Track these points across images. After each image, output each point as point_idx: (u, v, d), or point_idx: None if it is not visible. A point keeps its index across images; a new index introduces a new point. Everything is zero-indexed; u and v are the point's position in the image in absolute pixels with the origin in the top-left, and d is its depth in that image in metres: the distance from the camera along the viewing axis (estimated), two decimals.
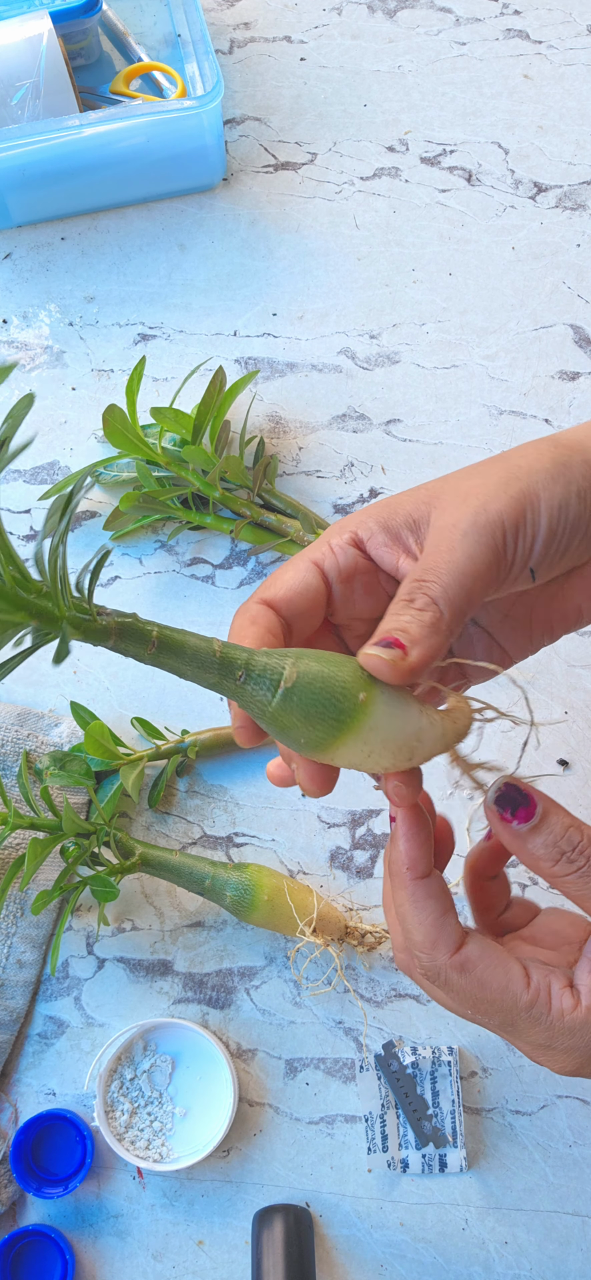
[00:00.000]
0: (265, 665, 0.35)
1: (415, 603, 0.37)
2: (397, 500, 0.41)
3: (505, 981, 0.38)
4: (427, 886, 0.39)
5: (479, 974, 0.38)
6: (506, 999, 0.38)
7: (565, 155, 0.75)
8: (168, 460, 0.63)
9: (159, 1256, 0.56)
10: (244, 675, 0.35)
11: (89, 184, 0.72)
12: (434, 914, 0.39)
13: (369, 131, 0.76)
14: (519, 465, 0.39)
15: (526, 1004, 0.38)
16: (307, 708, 0.35)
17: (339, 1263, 0.55)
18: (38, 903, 0.53)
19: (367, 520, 0.40)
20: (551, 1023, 0.38)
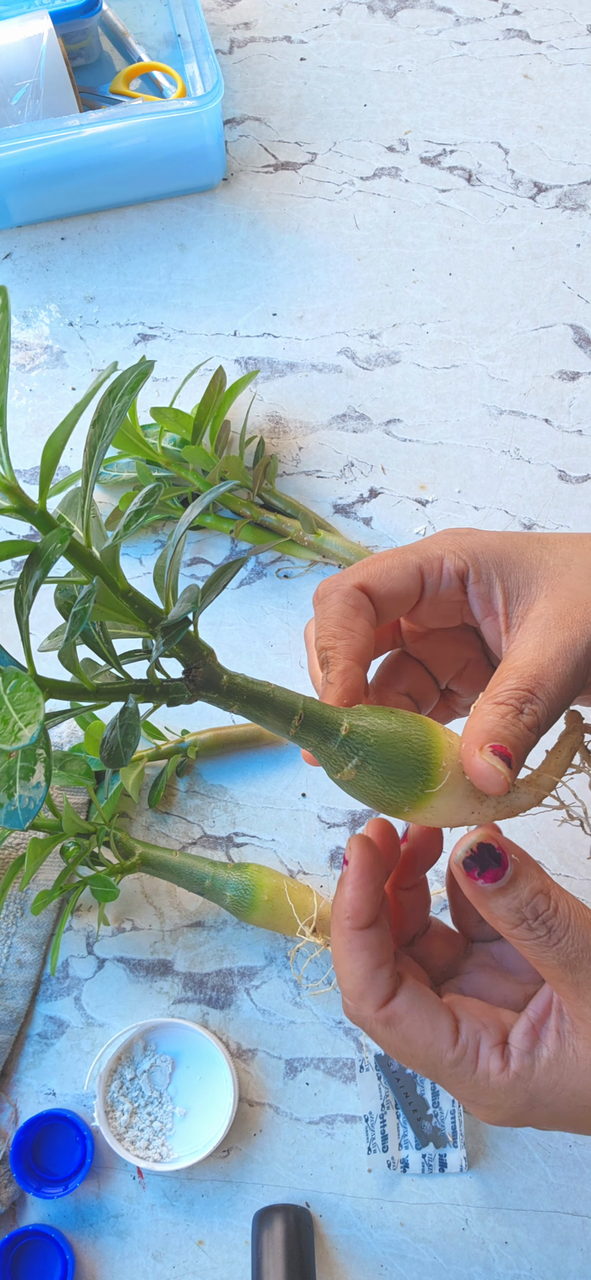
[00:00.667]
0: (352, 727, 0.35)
1: (524, 715, 0.37)
2: (514, 549, 0.40)
3: (431, 1038, 0.37)
4: (365, 938, 0.38)
5: (403, 1029, 0.37)
6: (431, 1055, 0.37)
7: (565, 155, 0.75)
8: (168, 460, 0.63)
9: (159, 1256, 0.56)
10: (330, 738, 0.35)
11: (89, 184, 0.72)
12: (366, 966, 0.37)
13: (369, 131, 0.76)
14: None
15: (451, 1061, 0.37)
16: (386, 774, 0.36)
17: (339, 1263, 0.55)
18: (38, 903, 0.53)
19: (483, 558, 0.40)
20: (475, 1082, 0.37)
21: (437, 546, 0.41)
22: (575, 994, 0.35)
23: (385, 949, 0.38)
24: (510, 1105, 0.37)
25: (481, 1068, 0.37)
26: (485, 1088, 0.36)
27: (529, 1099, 0.36)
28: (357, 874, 0.38)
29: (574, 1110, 0.36)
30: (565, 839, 0.60)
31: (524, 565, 0.40)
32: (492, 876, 0.36)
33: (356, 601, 0.39)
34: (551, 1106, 0.36)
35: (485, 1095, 0.37)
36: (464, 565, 0.40)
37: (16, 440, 0.68)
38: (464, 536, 0.41)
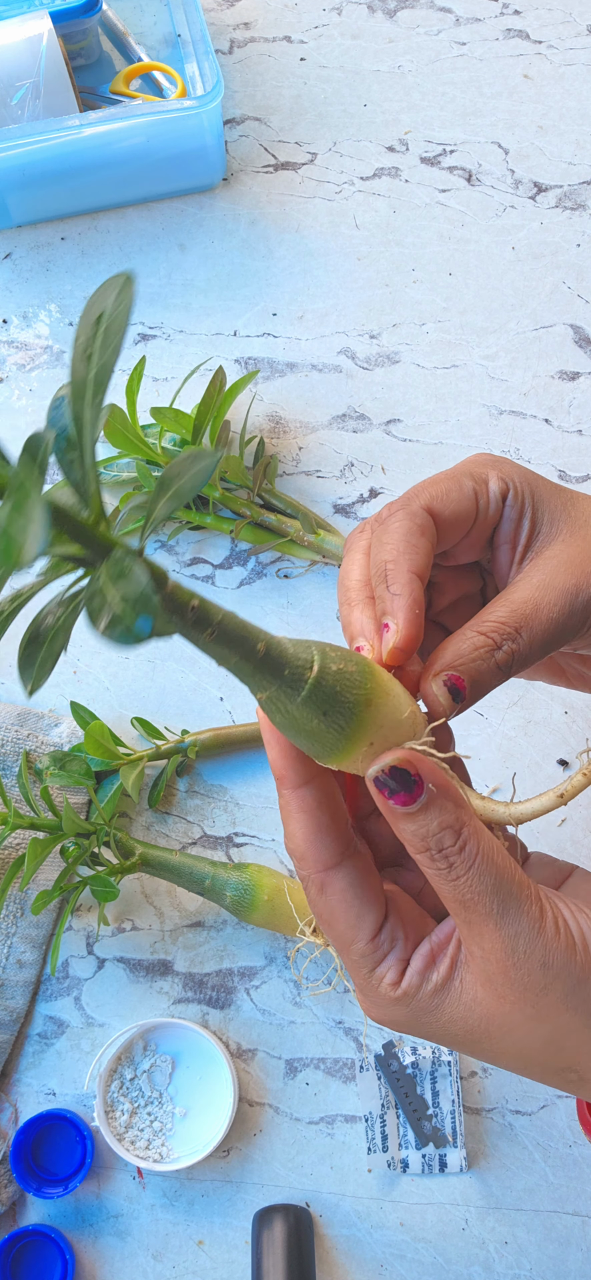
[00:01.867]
0: (296, 665, 0.34)
1: (499, 652, 0.37)
2: (545, 487, 0.41)
3: (353, 922, 0.36)
4: (300, 799, 0.36)
5: (331, 902, 0.36)
6: (345, 935, 0.37)
7: (565, 155, 0.75)
8: (168, 460, 0.63)
9: (159, 1256, 0.56)
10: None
11: (89, 184, 0.72)
12: (305, 829, 0.36)
13: (369, 131, 0.76)
14: None
15: (358, 951, 0.37)
16: (331, 706, 0.34)
17: (339, 1262, 0.55)
18: (38, 903, 0.53)
19: (521, 483, 0.40)
20: (368, 979, 0.37)
21: (480, 468, 0.41)
22: (468, 930, 0.35)
23: (331, 816, 0.37)
24: (390, 1014, 0.37)
25: (378, 972, 0.37)
26: (374, 990, 0.37)
27: (409, 1015, 0.37)
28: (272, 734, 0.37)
29: (446, 1036, 0.37)
30: (565, 838, 0.60)
31: (552, 504, 0.40)
32: (403, 800, 0.35)
33: (423, 522, 0.39)
34: (427, 1026, 0.37)
35: (372, 995, 0.37)
36: (505, 487, 0.40)
37: (16, 440, 0.68)
38: (502, 461, 0.41)
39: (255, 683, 0.35)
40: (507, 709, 0.62)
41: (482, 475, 0.40)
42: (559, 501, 0.41)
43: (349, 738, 0.35)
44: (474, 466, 0.41)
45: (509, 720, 0.62)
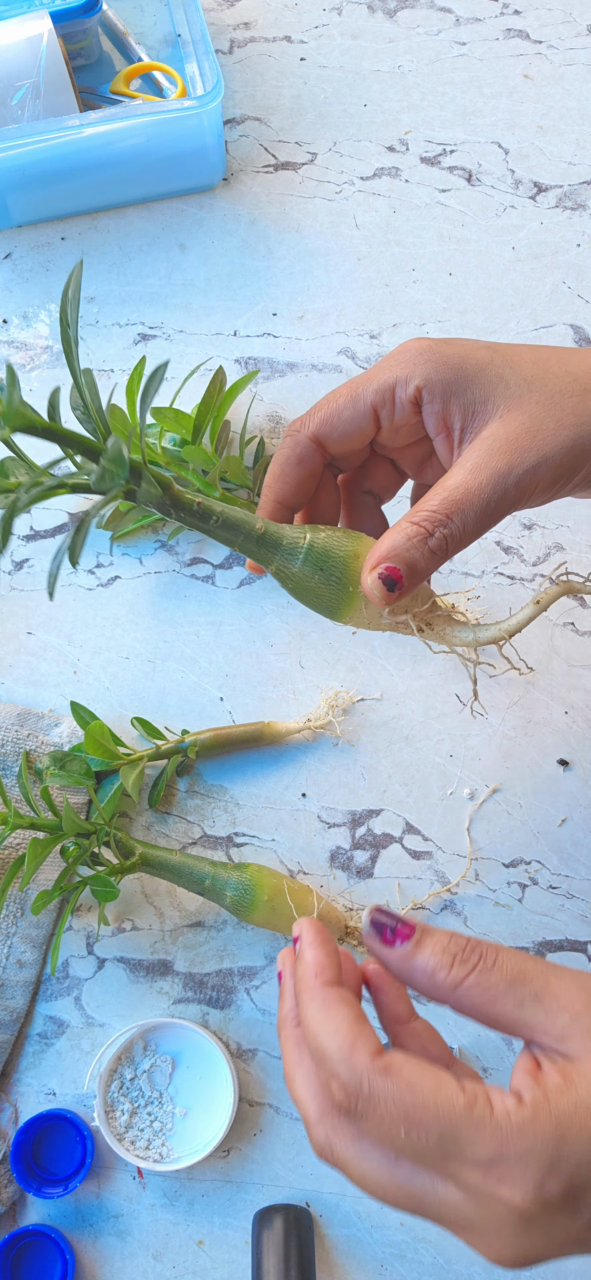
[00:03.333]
0: (292, 539, 0.41)
1: (431, 540, 0.39)
2: (473, 364, 0.41)
3: (436, 1083, 0.32)
4: (339, 993, 0.35)
5: (406, 1076, 0.33)
6: (442, 1102, 0.32)
7: (565, 155, 0.75)
8: (168, 460, 0.63)
9: (159, 1256, 0.56)
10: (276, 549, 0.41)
11: (89, 184, 0.72)
12: (348, 1019, 0.34)
13: (369, 131, 0.76)
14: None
15: (464, 1105, 0.32)
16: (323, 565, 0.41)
17: (339, 1262, 0.55)
18: (38, 903, 0.53)
19: (438, 379, 0.41)
20: (498, 1124, 0.31)
21: (391, 371, 0.41)
22: (540, 1008, 0.33)
23: (359, 1006, 0.35)
24: (541, 1148, 0.31)
25: (498, 1106, 0.32)
26: (508, 1128, 0.31)
27: (556, 1128, 0.31)
28: (314, 933, 0.37)
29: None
30: (565, 839, 0.60)
31: (481, 382, 0.41)
32: (404, 935, 0.35)
33: (302, 451, 0.43)
34: (585, 1127, 0.32)
35: (511, 1142, 0.31)
36: (417, 392, 0.41)
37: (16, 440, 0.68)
38: (421, 356, 0.41)
39: (260, 556, 0.42)
40: (507, 709, 0.62)
41: (388, 382, 0.41)
42: (491, 374, 0.41)
43: (346, 586, 0.41)
44: (386, 369, 0.41)
45: (509, 720, 0.62)
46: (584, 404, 0.40)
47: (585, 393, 0.40)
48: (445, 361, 0.41)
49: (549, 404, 0.40)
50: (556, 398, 0.40)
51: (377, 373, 0.42)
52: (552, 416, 0.40)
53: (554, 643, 0.63)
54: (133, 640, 0.64)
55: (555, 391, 0.40)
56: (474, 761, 0.61)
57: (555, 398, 0.40)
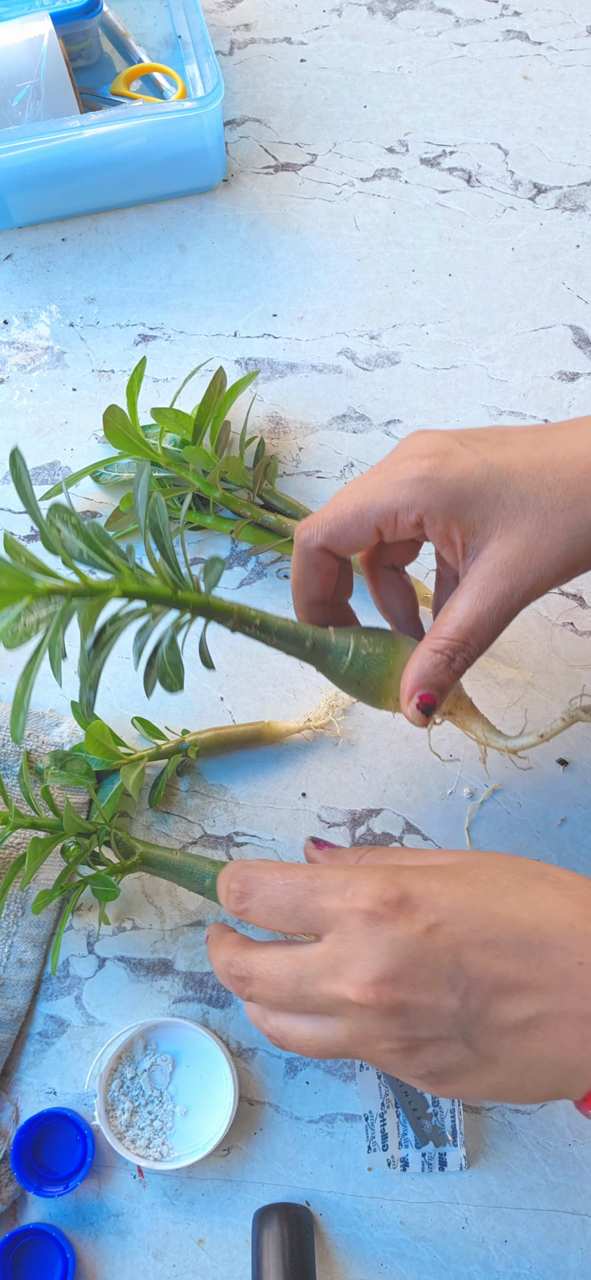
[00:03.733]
0: (336, 654, 0.49)
1: (455, 664, 0.45)
2: (471, 486, 0.44)
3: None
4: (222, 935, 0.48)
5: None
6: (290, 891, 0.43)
7: (564, 156, 0.75)
8: (168, 461, 0.63)
9: (159, 1255, 0.56)
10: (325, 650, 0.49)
11: (89, 185, 0.72)
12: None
13: (369, 132, 0.76)
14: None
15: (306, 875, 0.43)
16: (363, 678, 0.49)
17: (339, 1261, 0.56)
18: (38, 902, 0.53)
19: (438, 506, 0.44)
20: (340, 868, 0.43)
21: (393, 495, 0.44)
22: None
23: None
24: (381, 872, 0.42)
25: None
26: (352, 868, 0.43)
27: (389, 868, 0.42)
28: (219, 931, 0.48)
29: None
30: (565, 838, 0.60)
31: (479, 504, 0.44)
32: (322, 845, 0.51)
33: (316, 561, 0.48)
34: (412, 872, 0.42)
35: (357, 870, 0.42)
36: (418, 519, 0.44)
37: (16, 440, 0.69)
38: (422, 485, 0.44)
39: (312, 661, 0.49)
40: (507, 709, 0.62)
41: (391, 510, 0.45)
42: (488, 494, 0.44)
43: (379, 698, 0.49)
44: (387, 490, 0.45)
45: (508, 720, 0.62)
46: (575, 515, 0.44)
47: (576, 503, 0.44)
48: (443, 489, 0.44)
49: (543, 522, 0.44)
50: (549, 514, 0.44)
51: (380, 492, 0.45)
52: (547, 534, 0.44)
53: (553, 643, 0.63)
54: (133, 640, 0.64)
55: (548, 508, 0.44)
56: (474, 761, 0.61)
57: (549, 514, 0.44)
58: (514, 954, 0.39)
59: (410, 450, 0.45)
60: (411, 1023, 0.39)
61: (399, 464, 0.45)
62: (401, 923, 0.39)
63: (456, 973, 0.39)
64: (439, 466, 0.44)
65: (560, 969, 0.39)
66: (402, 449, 0.46)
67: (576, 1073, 0.40)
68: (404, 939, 0.39)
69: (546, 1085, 0.40)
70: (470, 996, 0.39)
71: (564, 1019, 0.39)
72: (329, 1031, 0.41)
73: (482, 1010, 0.39)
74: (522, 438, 0.45)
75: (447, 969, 0.39)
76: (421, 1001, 0.39)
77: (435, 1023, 0.39)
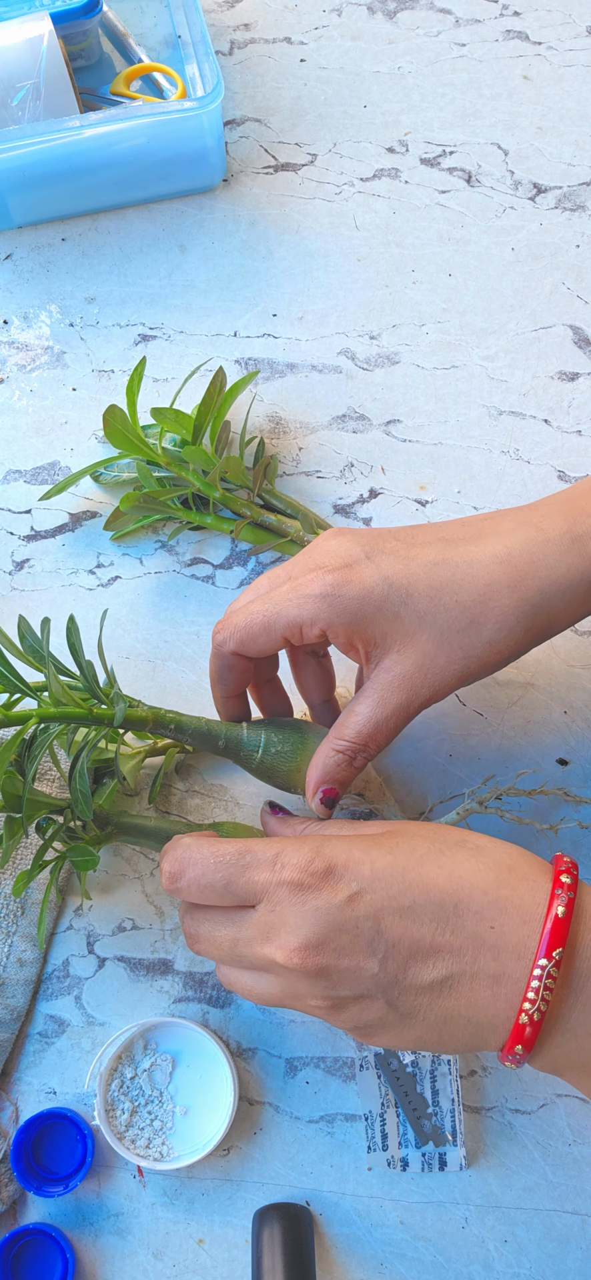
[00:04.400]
0: (247, 752, 0.54)
1: (355, 762, 0.49)
2: (372, 606, 0.47)
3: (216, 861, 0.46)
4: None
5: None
6: (220, 860, 0.46)
7: (564, 156, 0.75)
8: (168, 461, 0.63)
9: (159, 1255, 0.56)
10: (237, 747, 0.54)
11: (89, 185, 0.72)
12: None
13: (369, 133, 0.76)
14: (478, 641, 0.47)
15: (235, 852, 0.46)
16: (273, 772, 0.54)
17: (339, 1261, 0.56)
18: (18, 884, 0.52)
19: (340, 624, 0.47)
20: (271, 841, 0.46)
21: (297, 609, 0.48)
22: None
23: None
24: (308, 844, 0.45)
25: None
26: (284, 841, 0.46)
27: (313, 839, 0.46)
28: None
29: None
30: (564, 838, 0.60)
31: (379, 621, 0.47)
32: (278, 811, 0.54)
33: (230, 663, 0.51)
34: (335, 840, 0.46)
35: (287, 841, 0.46)
36: (321, 633, 0.48)
37: (17, 440, 0.69)
38: (324, 601, 0.47)
39: (226, 758, 0.55)
40: (507, 709, 0.62)
41: (296, 623, 0.48)
42: (388, 613, 0.47)
43: (289, 788, 0.54)
44: (294, 609, 0.48)
45: (508, 720, 0.62)
46: (470, 637, 0.47)
47: (471, 625, 0.46)
48: (345, 607, 0.47)
49: (439, 641, 0.47)
50: (445, 634, 0.47)
51: (286, 606, 0.48)
52: (443, 653, 0.47)
53: (553, 643, 0.63)
54: (133, 640, 0.64)
55: (445, 628, 0.47)
56: (473, 761, 0.61)
57: (445, 634, 0.47)
58: (430, 919, 0.42)
59: (317, 561, 0.48)
60: (335, 984, 0.43)
61: (305, 576, 0.48)
62: (325, 892, 0.42)
63: (376, 938, 0.42)
64: (341, 583, 0.47)
65: (472, 932, 0.42)
66: (311, 557, 0.49)
67: (490, 1028, 0.43)
68: (327, 907, 0.42)
69: (464, 1039, 0.43)
70: (389, 960, 0.42)
71: (476, 979, 0.42)
72: (264, 985, 0.46)
73: (400, 972, 0.42)
74: (426, 552, 0.48)
75: (367, 935, 0.42)
76: (343, 965, 0.42)
77: (356, 984, 0.43)
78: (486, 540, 0.48)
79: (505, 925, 0.42)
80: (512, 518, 0.49)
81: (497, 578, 0.46)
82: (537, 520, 0.48)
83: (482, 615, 0.46)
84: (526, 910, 0.42)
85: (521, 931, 0.42)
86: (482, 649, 0.47)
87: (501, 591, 0.46)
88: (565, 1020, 0.42)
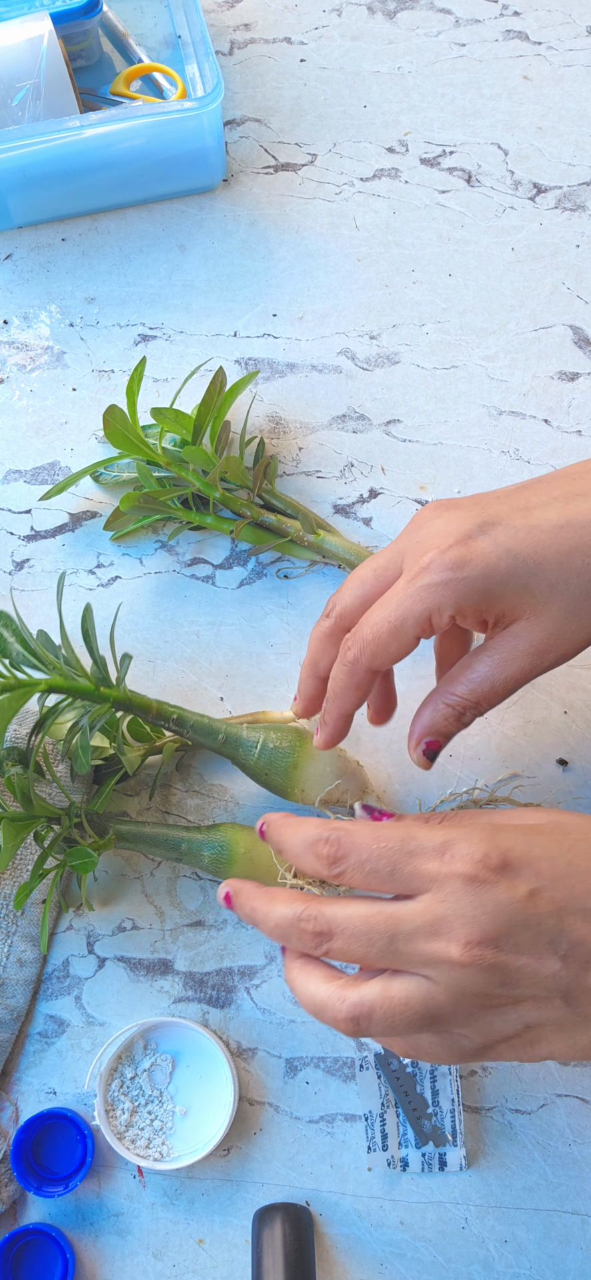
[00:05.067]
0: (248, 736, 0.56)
1: (464, 717, 0.48)
2: (499, 580, 0.45)
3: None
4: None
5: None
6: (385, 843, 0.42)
7: (564, 156, 0.75)
8: (168, 461, 0.63)
9: (159, 1255, 0.56)
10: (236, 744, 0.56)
11: (89, 185, 0.72)
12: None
13: (369, 133, 0.76)
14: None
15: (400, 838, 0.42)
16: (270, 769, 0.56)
17: (339, 1261, 0.56)
18: (20, 895, 0.53)
19: (468, 603, 0.45)
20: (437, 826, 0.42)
21: (423, 604, 0.45)
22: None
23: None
24: (480, 833, 0.41)
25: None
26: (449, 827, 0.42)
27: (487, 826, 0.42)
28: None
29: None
30: None
31: (508, 595, 0.45)
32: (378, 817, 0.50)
33: (359, 680, 0.48)
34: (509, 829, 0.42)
35: (455, 830, 0.41)
36: (451, 619, 0.46)
37: (17, 440, 0.69)
38: (447, 588, 0.45)
39: (223, 755, 0.57)
40: (507, 709, 0.62)
41: (425, 616, 0.45)
42: (516, 584, 0.45)
43: (285, 789, 0.56)
44: (419, 603, 0.45)
45: (508, 720, 0.62)
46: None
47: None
48: (471, 588, 0.44)
49: (572, 608, 0.45)
50: (578, 600, 0.44)
51: (412, 604, 0.45)
52: (574, 618, 0.45)
53: None
54: (132, 640, 0.64)
55: (577, 593, 0.44)
56: (473, 761, 0.61)
57: (577, 600, 0.44)
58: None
59: (428, 544, 0.45)
60: (512, 981, 0.40)
61: (419, 564, 0.45)
62: (503, 886, 0.40)
63: (558, 936, 0.39)
64: (461, 563, 0.44)
65: None
66: (420, 540, 0.46)
67: None
68: (507, 903, 0.39)
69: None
70: (571, 959, 0.39)
71: None
72: (425, 990, 0.40)
73: (582, 972, 0.40)
74: (546, 514, 0.45)
75: (550, 933, 0.39)
76: (523, 964, 0.39)
77: (535, 983, 0.40)
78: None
79: None
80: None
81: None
82: None
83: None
84: None
85: None
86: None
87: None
88: None
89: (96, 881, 0.60)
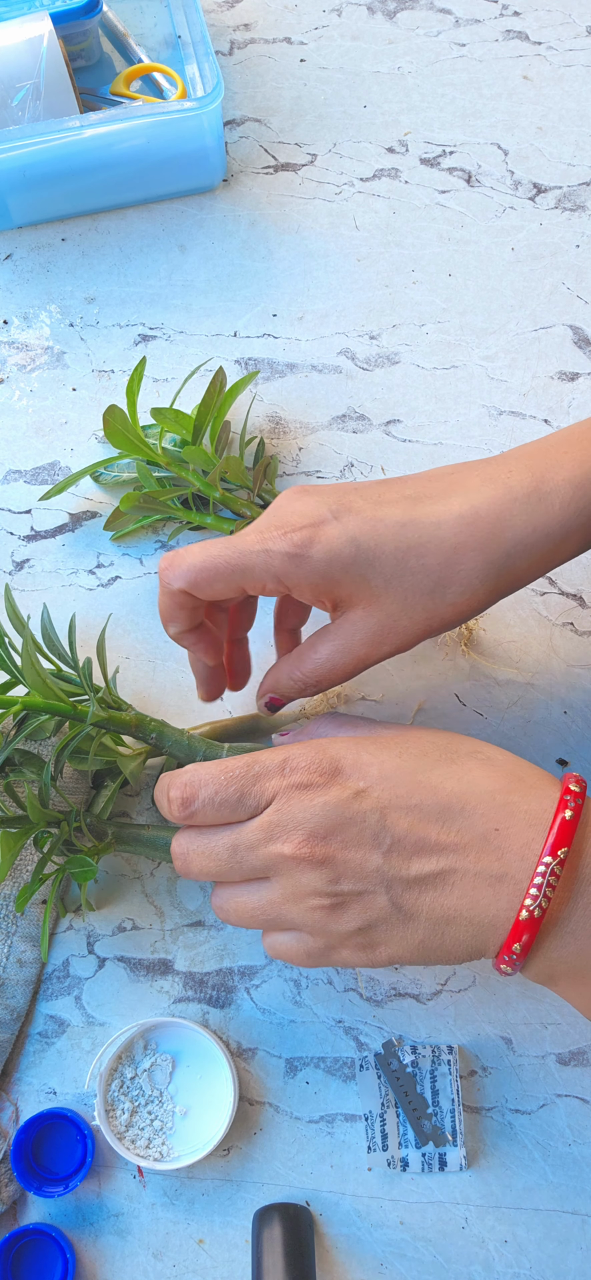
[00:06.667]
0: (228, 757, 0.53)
1: (305, 691, 0.51)
2: (339, 567, 0.47)
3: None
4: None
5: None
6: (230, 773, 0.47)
7: (564, 156, 0.75)
8: (168, 461, 0.63)
9: (159, 1255, 0.56)
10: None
11: (89, 185, 0.72)
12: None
13: (368, 133, 0.76)
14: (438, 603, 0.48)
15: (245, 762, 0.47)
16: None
17: (339, 1261, 0.56)
18: (21, 898, 0.53)
19: (306, 583, 0.48)
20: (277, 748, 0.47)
21: (263, 565, 0.48)
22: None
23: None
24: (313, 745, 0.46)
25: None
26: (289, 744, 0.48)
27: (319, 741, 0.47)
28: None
29: None
30: None
31: (346, 583, 0.47)
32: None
33: (179, 601, 0.50)
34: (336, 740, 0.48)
35: (295, 744, 0.47)
36: (285, 589, 0.48)
37: (16, 440, 0.69)
38: (292, 562, 0.47)
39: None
40: (507, 709, 0.62)
41: (260, 579, 0.48)
42: (354, 575, 0.47)
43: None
44: (261, 561, 0.47)
45: (508, 720, 0.62)
46: (434, 600, 0.47)
47: (435, 588, 0.47)
48: (312, 568, 0.47)
49: (404, 604, 0.48)
50: (411, 597, 0.47)
51: (252, 558, 0.48)
52: (407, 614, 0.48)
53: (553, 643, 0.63)
54: (133, 640, 0.64)
55: (410, 591, 0.47)
56: None
57: (410, 597, 0.47)
58: (436, 818, 0.43)
59: (283, 519, 0.48)
60: (339, 875, 0.43)
61: (272, 531, 0.48)
62: (333, 789, 0.44)
63: (381, 831, 0.43)
64: (308, 543, 0.47)
65: (478, 832, 0.43)
66: (277, 515, 0.48)
67: (490, 928, 0.43)
68: (334, 802, 0.43)
69: (466, 943, 0.43)
70: (393, 854, 0.43)
71: (479, 878, 0.42)
72: (263, 893, 0.45)
73: (404, 866, 0.43)
74: (393, 511, 0.48)
75: (373, 828, 0.43)
76: (349, 856, 0.43)
77: (360, 877, 0.43)
78: (453, 498, 0.48)
79: (511, 828, 0.42)
80: (480, 473, 0.49)
81: (463, 540, 0.47)
82: (504, 476, 0.48)
83: (448, 578, 0.47)
84: (533, 815, 0.43)
85: (527, 834, 0.42)
86: (446, 609, 0.48)
87: (467, 555, 0.47)
88: (565, 923, 0.42)
89: (97, 884, 0.60)
